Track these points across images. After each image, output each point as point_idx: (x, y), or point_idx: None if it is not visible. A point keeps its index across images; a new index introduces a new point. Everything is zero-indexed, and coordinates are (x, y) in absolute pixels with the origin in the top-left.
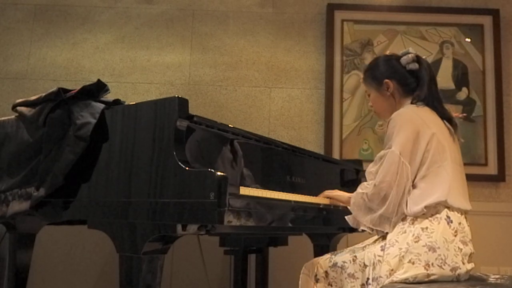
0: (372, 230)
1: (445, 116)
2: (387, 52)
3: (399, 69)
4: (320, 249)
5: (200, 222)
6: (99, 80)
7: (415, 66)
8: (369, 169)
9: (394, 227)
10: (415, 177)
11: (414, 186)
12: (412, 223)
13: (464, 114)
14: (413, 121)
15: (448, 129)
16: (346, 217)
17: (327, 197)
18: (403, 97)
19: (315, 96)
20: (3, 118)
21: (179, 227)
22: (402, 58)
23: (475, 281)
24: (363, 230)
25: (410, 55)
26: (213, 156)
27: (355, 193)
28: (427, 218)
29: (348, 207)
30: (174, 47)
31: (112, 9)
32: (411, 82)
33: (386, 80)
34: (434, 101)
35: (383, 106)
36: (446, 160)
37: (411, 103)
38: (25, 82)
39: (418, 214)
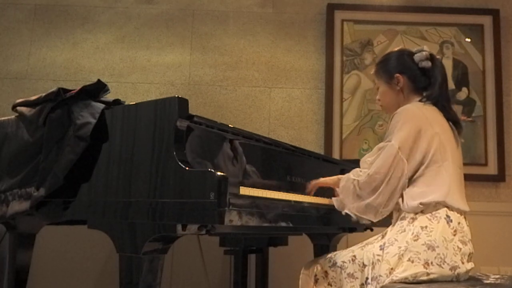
0: (356, 216)
1: (452, 118)
2: (402, 47)
3: (411, 65)
4: (320, 249)
5: (200, 222)
6: (99, 80)
7: (428, 64)
8: (365, 158)
9: (380, 217)
10: (415, 175)
11: (413, 184)
12: (412, 222)
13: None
14: (416, 118)
15: (452, 131)
16: (332, 198)
17: (316, 185)
18: (412, 94)
19: (315, 96)
20: (3, 118)
21: (179, 227)
22: (415, 55)
23: (475, 281)
24: (346, 214)
25: (424, 53)
26: (213, 156)
27: (346, 176)
28: (426, 216)
29: (336, 189)
30: (174, 47)
31: (112, 9)
32: (421, 80)
33: (397, 75)
34: (444, 101)
35: (390, 101)
36: (447, 161)
37: (420, 101)
38: (25, 82)
39: (416, 210)
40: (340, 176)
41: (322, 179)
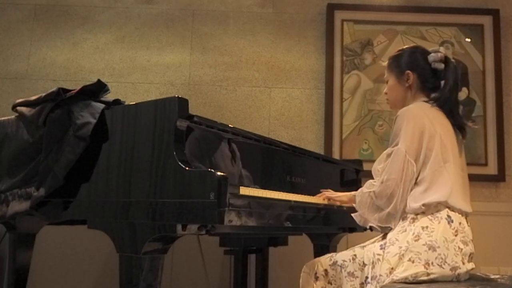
0: (380, 227)
1: (458, 123)
2: (418, 44)
3: (423, 64)
4: (320, 249)
5: (200, 222)
6: (99, 80)
7: (440, 66)
8: (376, 166)
9: (397, 223)
10: (418, 175)
11: (416, 184)
12: (413, 222)
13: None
14: (419, 119)
15: (456, 135)
16: (353, 214)
17: (329, 198)
18: (419, 93)
19: (315, 96)
20: (3, 118)
21: (179, 227)
22: (430, 55)
23: (475, 281)
24: (370, 227)
25: (439, 54)
26: (213, 156)
27: (360, 191)
28: (427, 217)
29: (353, 205)
30: (174, 47)
31: (112, 9)
32: (431, 80)
33: (408, 71)
34: (451, 106)
35: (398, 96)
36: (449, 162)
37: (426, 102)
38: (25, 82)
39: (417, 211)
40: (354, 192)
41: (337, 195)
